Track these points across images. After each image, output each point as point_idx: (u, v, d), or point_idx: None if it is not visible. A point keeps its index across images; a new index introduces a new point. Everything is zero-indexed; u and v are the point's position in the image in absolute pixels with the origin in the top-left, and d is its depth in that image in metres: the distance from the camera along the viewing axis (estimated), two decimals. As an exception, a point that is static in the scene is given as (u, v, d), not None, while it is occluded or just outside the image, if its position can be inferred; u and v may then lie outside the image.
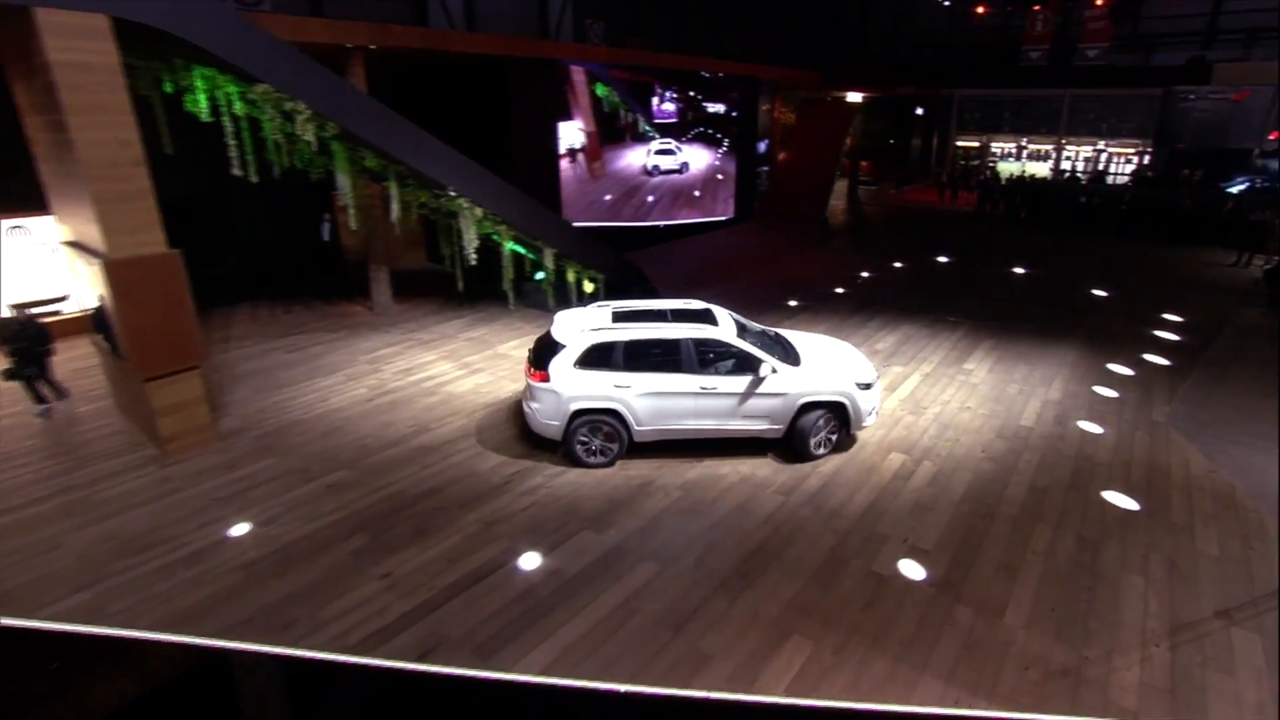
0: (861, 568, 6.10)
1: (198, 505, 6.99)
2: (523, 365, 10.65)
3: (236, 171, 8.66)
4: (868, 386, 7.85)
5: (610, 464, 7.77)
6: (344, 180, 10.01)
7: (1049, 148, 33.92)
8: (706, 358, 7.59)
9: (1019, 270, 17.09)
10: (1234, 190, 23.57)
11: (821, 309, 13.60)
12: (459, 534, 6.63)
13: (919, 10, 33.83)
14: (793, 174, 23.01)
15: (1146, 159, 30.21)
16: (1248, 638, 5.39)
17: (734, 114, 21.54)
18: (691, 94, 20.06)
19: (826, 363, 8.02)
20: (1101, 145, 32.82)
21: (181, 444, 7.76)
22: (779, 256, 18.08)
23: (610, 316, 8.00)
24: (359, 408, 9.26)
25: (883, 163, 34.55)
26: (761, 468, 7.73)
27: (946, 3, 31.74)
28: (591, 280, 13.21)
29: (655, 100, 19.25)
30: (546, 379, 7.49)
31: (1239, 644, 5.32)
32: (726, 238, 19.37)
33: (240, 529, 6.63)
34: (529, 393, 7.78)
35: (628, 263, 14.01)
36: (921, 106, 34.25)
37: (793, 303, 14.02)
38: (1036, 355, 11.13)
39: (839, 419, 7.82)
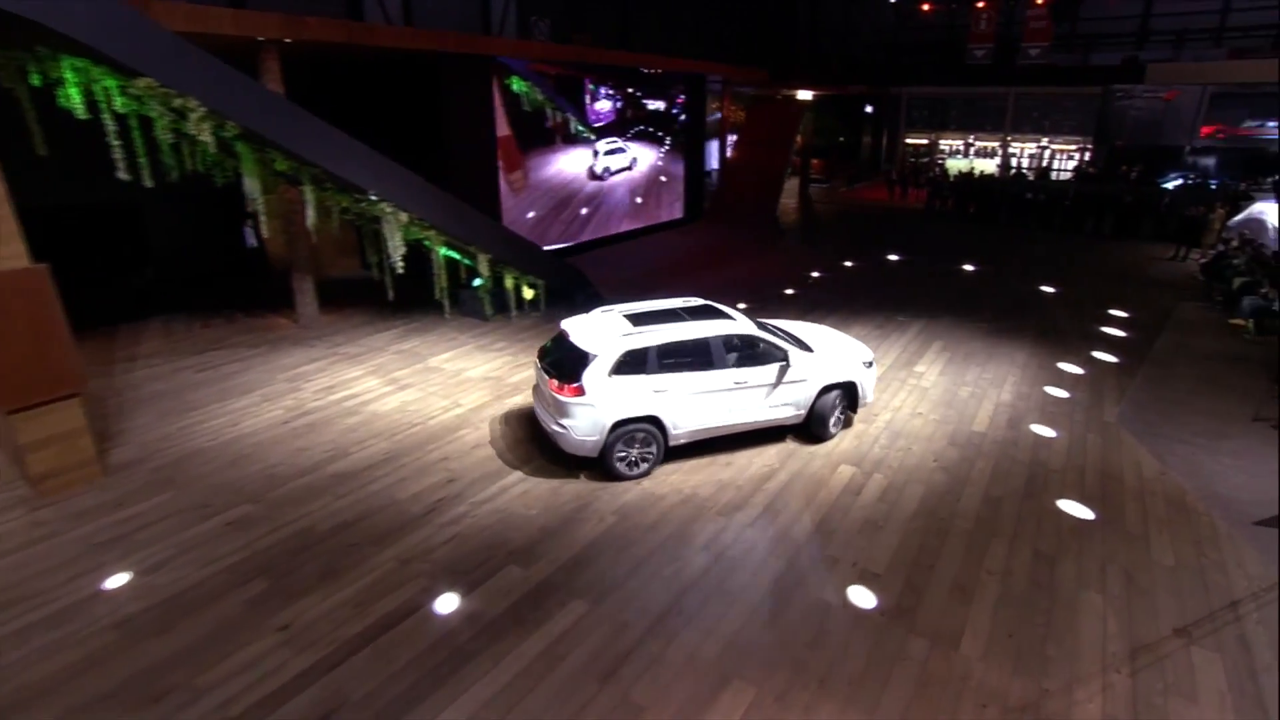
0: (808, 597, 5.66)
1: (72, 553, 6.20)
2: (456, 379, 10.03)
3: (123, 175, 7.82)
4: (870, 365, 8.34)
5: (647, 474, 7.40)
6: (252, 184, 9.21)
7: (995, 145, 34.47)
8: (734, 352, 7.50)
9: (969, 267, 17.05)
10: (1169, 186, 24.13)
11: (771, 311, 13.22)
12: (371, 574, 5.99)
13: (867, 9, 34.01)
14: (743, 173, 22.72)
15: (1088, 155, 30.87)
16: (1208, 657, 5.11)
17: (679, 113, 21.11)
18: (631, 91, 19.36)
19: (834, 347, 8.39)
20: (1045, 142, 33.48)
21: (59, 482, 6.92)
22: (728, 257, 17.71)
23: (625, 320, 7.58)
24: (273, 431, 8.50)
25: (834, 161, 34.65)
26: (704, 487, 7.26)
27: (893, 0, 31.93)
28: (531, 286, 12.62)
29: (589, 99, 18.23)
30: (581, 392, 6.91)
31: (1199, 665, 5.04)
32: (674, 239, 18.92)
33: (119, 579, 5.87)
34: (557, 410, 7.13)
35: (570, 267, 13.45)
36: (871, 104, 34.44)
37: (741, 305, 13.60)
38: (987, 355, 10.93)
39: (849, 398, 8.16)
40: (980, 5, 29.17)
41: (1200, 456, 7.97)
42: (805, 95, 27.11)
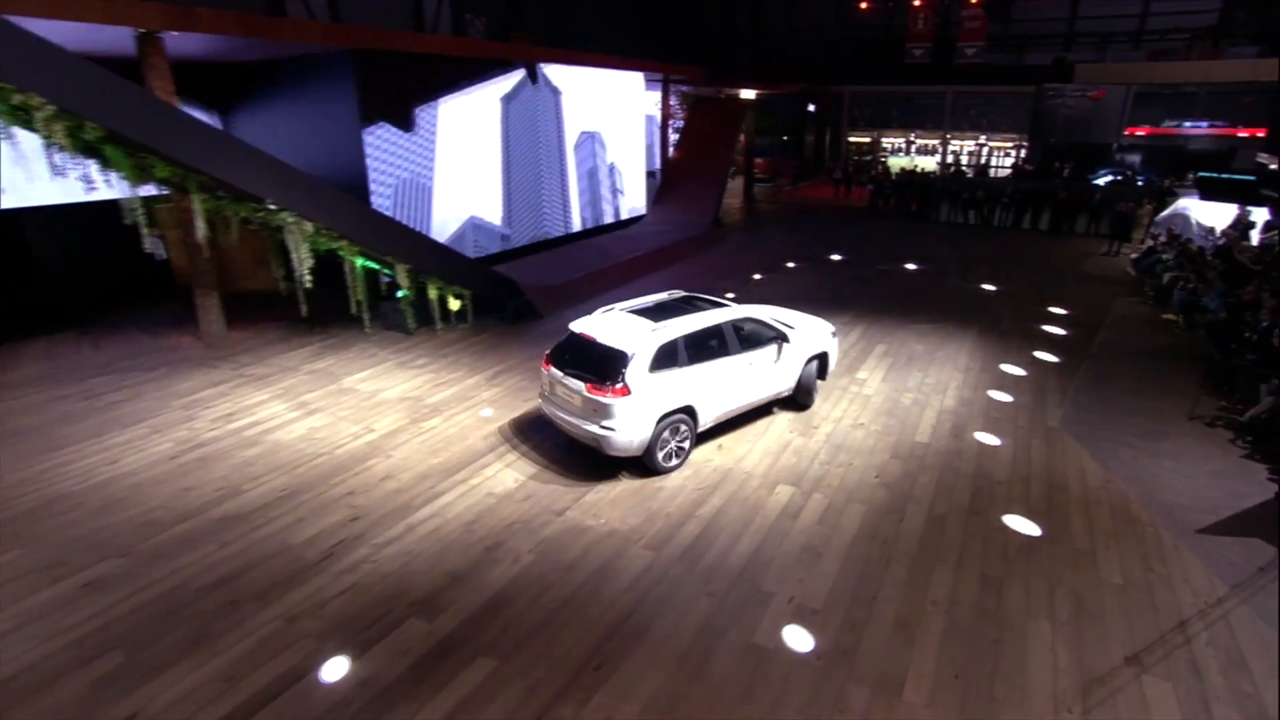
0: (740, 641, 5.14)
1: (-114, 630, 5.28)
2: (371, 401, 9.25)
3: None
4: (834, 335, 9.26)
5: (683, 464, 7.53)
6: (130, 194, 8.27)
7: (935, 142, 34.96)
8: (742, 337, 7.89)
9: (911, 266, 16.93)
10: (1100, 182, 24.68)
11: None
12: (250, 637, 5.24)
13: (808, 8, 34.09)
14: (685, 173, 22.27)
15: (1024, 153, 31.52)
16: (1160, 689, 4.77)
17: (618, 113, 20.53)
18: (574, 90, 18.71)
19: (803, 323, 9.05)
20: (983, 139, 34.10)
21: (-119, 543, 5.95)
22: (669, 260, 17.22)
23: (636, 316, 7.63)
24: (157, 469, 7.60)
25: (778, 159, 34.62)
26: (632, 515, 6.70)
27: (829, -2, 32.01)
28: (457, 297, 11.87)
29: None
30: (627, 392, 6.86)
31: (1153, 698, 4.69)
32: (612, 242, 18.32)
33: (-60, 662, 5.00)
34: (597, 413, 6.95)
35: (499, 276, 12.74)
36: (814, 103, 34.50)
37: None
38: (930, 359, 10.66)
39: (821, 366, 8.97)
40: (916, 4, 29.43)
41: (1142, 460, 7.77)
42: (749, 94, 26.89)
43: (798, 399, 8.72)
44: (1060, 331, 12.08)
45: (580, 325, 7.67)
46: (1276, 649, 5.09)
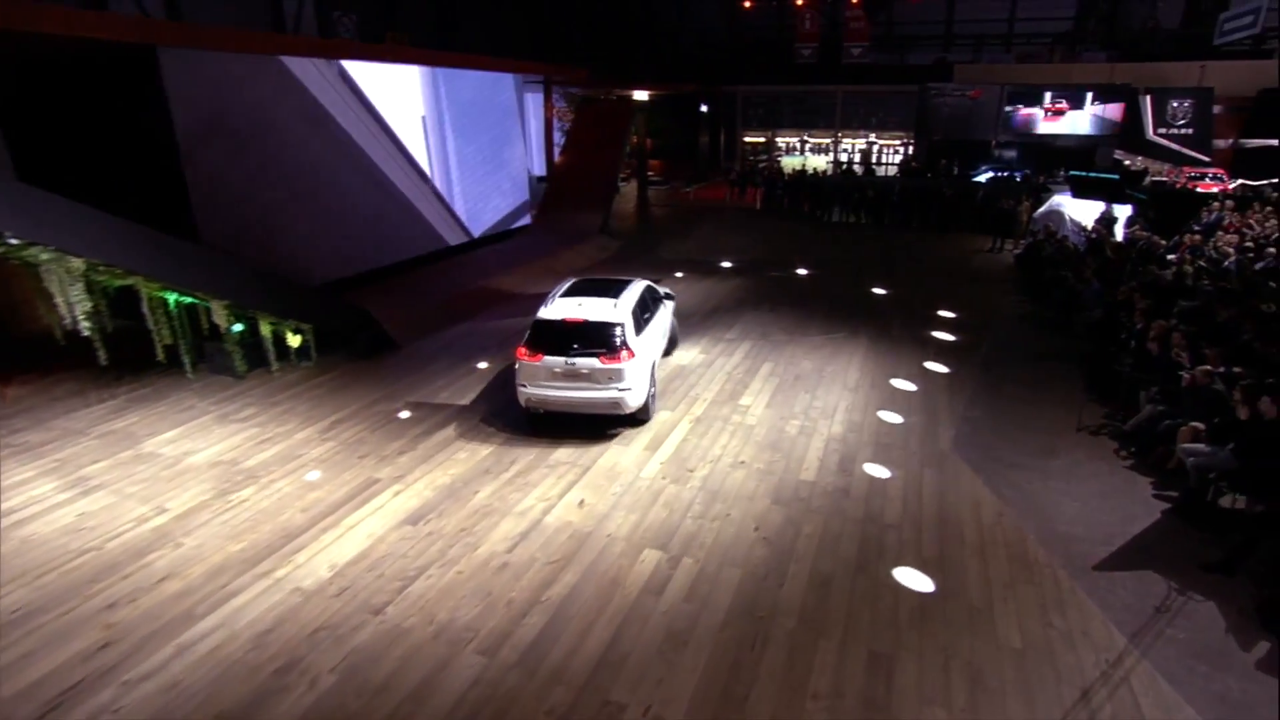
0: (579, 786, 4.11)
1: None
2: (173, 469, 7.65)
3: None
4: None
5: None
6: None
7: (828, 141, 35.35)
8: (653, 299, 9.66)
9: (802, 271, 16.49)
10: (982, 179, 25.33)
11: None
12: None
13: (700, 7, 33.69)
14: (571, 178, 21.18)
15: (911, 150, 32.24)
16: (1071, 788, 4.07)
17: (496, 118, 19.09)
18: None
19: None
20: (873, 138, 34.73)
21: None
22: (549, 274, 16.00)
23: (592, 299, 8.54)
24: None
25: (673, 161, 34.08)
26: (467, 604, 5.55)
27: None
28: (296, 332, 10.33)
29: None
30: (633, 355, 8.01)
31: (1063, 804, 3.98)
32: (488, 258, 16.96)
33: None
34: (611, 379, 7.89)
35: (347, 305, 11.25)
36: (707, 104, 34.12)
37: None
38: (818, 377, 10.01)
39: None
40: (799, 4, 29.49)
41: (1035, 484, 7.28)
42: (642, 96, 26.09)
43: (671, 349, 10.81)
44: (949, 337, 11.76)
45: (555, 314, 8.31)
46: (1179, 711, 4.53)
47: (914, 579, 5.82)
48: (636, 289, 9.08)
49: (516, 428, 8.59)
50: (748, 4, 30.41)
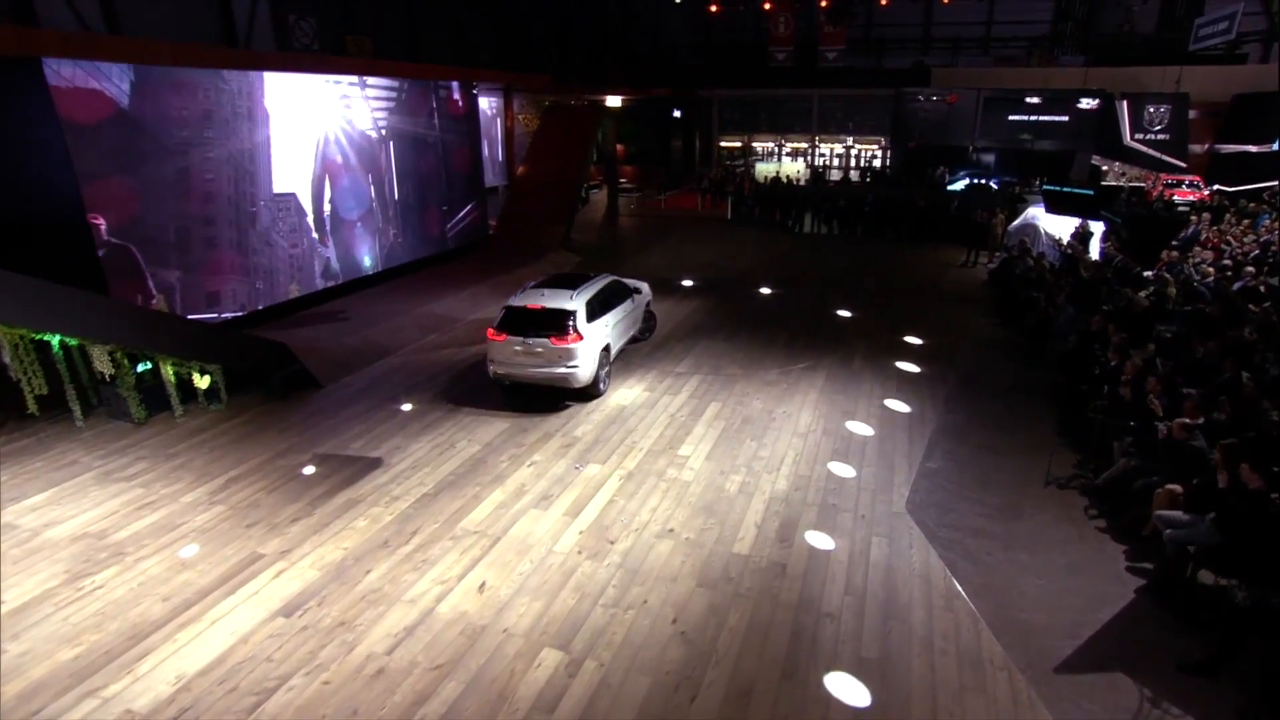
0: None
1: None
2: (23, 548, 6.71)
3: None
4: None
5: (606, 391, 10.03)
6: None
7: (805, 146, 34.67)
8: (616, 294, 10.60)
9: (766, 291, 15.72)
10: (957, 186, 24.72)
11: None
12: None
13: (675, 11, 32.87)
14: (533, 189, 20.32)
15: (888, 155, 31.63)
16: None
17: (443, 127, 18.16)
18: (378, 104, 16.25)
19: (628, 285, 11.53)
20: (850, 142, 34.08)
21: None
22: (498, 294, 14.98)
23: (554, 290, 9.80)
24: None
25: (646, 168, 33.27)
26: (327, 734, 4.70)
27: (677, 1, 30.94)
28: (202, 373, 9.42)
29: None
30: (581, 338, 9.19)
31: None
32: (434, 279, 16.01)
33: None
34: (562, 358, 9.14)
35: (262, 341, 10.33)
36: (681, 109, 33.31)
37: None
38: (768, 420, 9.22)
39: (650, 314, 12.44)
40: (768, 7, 28.79)
41: (996, 555, 6.53)
42: (615, 101, 25.26)
43: (644, 335, 12.03)
44: (914, 368, 11.01)
45: (521, 302, 9.57)
46: None
47: (849, 689, 5.03)
48: (598, 284, 10.20)
49: (428, 485, 7.74)
50: (714, 8, 29.68)
